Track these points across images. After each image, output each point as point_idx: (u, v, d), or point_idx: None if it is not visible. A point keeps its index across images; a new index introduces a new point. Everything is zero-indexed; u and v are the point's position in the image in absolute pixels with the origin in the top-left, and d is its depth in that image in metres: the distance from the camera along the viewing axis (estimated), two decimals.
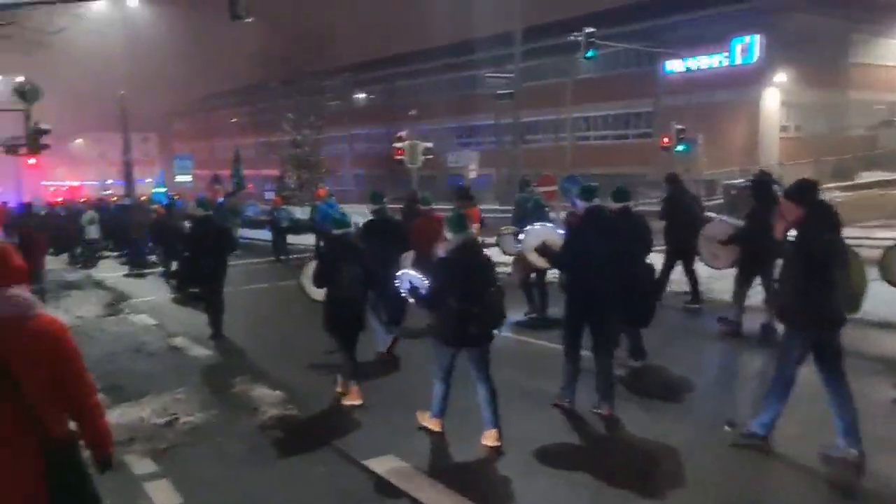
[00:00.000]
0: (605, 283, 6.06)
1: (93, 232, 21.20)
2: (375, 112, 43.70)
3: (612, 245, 6.12)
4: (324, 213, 17.49)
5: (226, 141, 70.09)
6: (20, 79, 14.62)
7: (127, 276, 18.32)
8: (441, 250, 6.10)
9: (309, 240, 19.98)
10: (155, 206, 21.09)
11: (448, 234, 6.02)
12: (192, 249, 10.34)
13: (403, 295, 6.28)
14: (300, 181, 30.28)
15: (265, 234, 22.86)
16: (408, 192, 15.05)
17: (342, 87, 32.45)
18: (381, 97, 41.40)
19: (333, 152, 55.65)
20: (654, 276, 7.21)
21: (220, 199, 27.63)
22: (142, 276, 18.18)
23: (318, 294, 7.37)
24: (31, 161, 74.57)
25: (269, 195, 29.83)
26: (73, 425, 3.13)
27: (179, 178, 47.49)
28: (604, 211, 6.49)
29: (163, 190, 37.01)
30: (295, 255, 19.66)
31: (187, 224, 18.38)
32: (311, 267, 7.80)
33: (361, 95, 45.32)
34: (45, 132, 14.64)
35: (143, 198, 30.83)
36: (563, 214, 12.32)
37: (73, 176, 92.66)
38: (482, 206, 14.85)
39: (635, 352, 7.69)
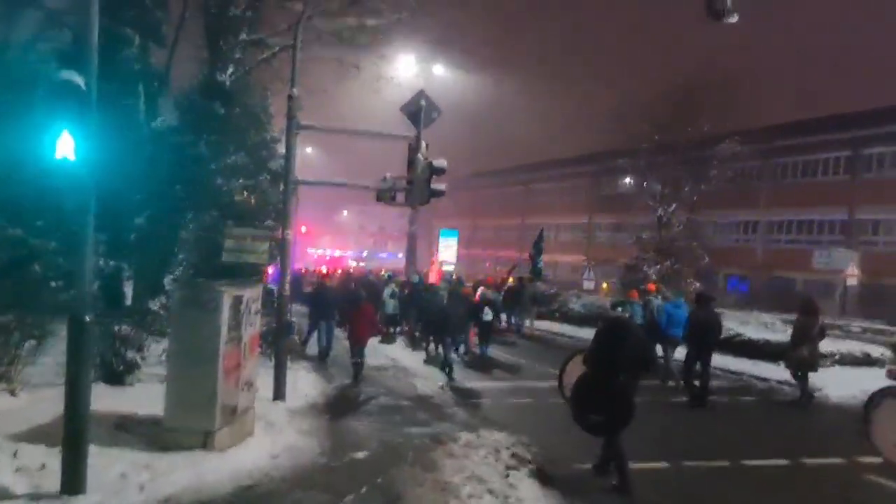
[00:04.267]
0: None
1: (392, 307, 19.15)
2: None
3: None
4: (670, 315, 13.39)
5: (492, 221, 67.29)
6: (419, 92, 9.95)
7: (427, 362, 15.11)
8: None
9: None
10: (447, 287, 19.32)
11: None
12: (596, 358, 7.25)
13: None
14: (663, 271, 23.07)
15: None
16: None
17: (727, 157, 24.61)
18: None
19: (620, 240, 49.47)
20: None
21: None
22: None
23: None
24: (304, 229, 76.94)
25: (588, 284, 24.10)
26: None
27: (443, 257, 44.07)
28: None
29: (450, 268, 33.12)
30: None
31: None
32: None
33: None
34: (440, 171, 9.60)
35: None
36: None
37: (334, 245, 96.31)
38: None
39: None
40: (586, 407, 7.08)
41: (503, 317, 20.68)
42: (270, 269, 30.88)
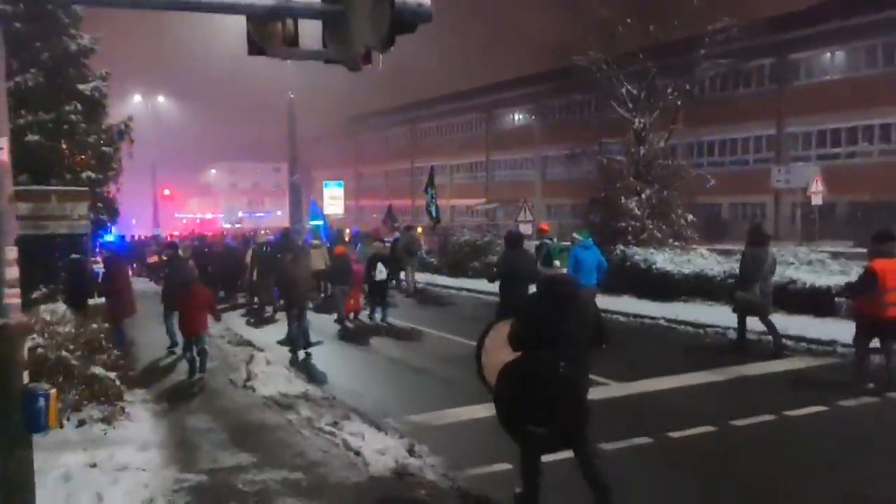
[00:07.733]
0: None
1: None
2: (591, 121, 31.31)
3: None
4: (578, 260, 10.60)
5: (375, 168, 60.72)
6: None
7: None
8: None
9: None
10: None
11: None
12: (528, 337, 4.65)
13: None
14: (649, 200, 17.10)
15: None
16: None
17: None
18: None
19: (522, 177, 44.74)
20: None
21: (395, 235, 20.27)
22: None
23: None
24: (167, 192, 67.01)
25: (526, 228, 18.69)
26: None
27: (329, 210, 37.84)
28: None
29: (321, 222, 26.54)
30: None
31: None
32: None
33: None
34: None
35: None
36: None
37: (204, 208, 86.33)
38: None
39: None
40: (519, 412, 4.42)
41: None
42: (111, 237, 23.10)
